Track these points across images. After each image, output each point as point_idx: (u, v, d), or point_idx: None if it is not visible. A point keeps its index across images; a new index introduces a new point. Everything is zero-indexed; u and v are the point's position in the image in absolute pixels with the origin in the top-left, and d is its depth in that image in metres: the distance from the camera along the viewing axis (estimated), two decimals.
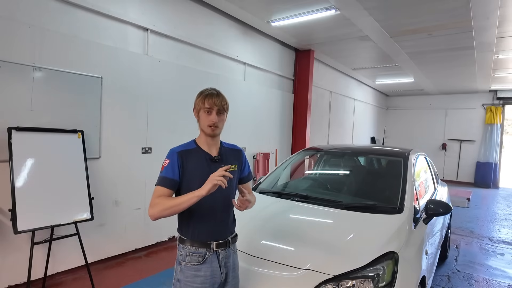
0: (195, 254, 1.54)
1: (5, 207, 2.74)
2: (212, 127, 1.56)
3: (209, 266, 1.54)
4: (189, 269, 1.53)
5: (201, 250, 1.54)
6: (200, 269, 1.53)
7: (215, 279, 1.56)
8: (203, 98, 1.57)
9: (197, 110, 1.61)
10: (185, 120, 4.31)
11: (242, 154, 1.77)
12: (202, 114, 1.58)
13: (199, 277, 1.52)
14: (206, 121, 1.57)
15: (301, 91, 6.92)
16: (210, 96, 1.56)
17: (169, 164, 1.54)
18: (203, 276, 1.53)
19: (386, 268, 1.78)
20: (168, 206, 1.44)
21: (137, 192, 3.90)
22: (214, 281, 1.56)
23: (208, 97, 1.56)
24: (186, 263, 1.54)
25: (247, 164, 1.80)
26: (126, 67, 3.68)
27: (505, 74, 8.27)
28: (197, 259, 1.53)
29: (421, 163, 3.35)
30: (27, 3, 2.91)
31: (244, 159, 1.77)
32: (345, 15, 4.77)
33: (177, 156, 1.55)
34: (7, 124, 2.72)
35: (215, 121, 1.55)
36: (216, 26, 4.89)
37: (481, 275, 3.79)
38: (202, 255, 1.54)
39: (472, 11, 4.44)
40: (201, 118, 1.60)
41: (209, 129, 1.57)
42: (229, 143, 1.75)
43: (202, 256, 1.54)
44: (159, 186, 1.52)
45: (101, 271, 3.43)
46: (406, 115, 12.89)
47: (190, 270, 1.53)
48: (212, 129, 1.57)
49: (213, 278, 1.55)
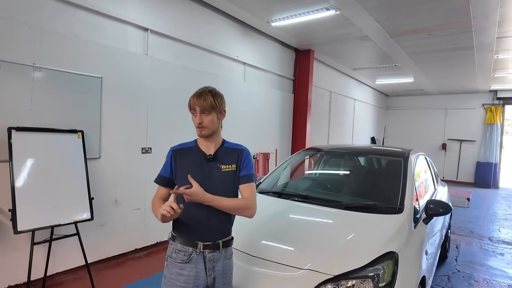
0: (181, 252, 1.53)
1: (5, 207, 2.74)
2: (199, 128, 1.56)
3: (194, 267, 1.52)
4: (174, 266, 1.53)
5: (188, 249, 1.53)
6: (184, 267, 1.52)
7: (199, 281, 1.52)
8: (190, 99, 1.58)
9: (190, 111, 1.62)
10: (185, 120, 4.31)
11: (242, 154, 1.65)
12: (192, 116, 1.59)
13: (183, 276, 1.51)
14: (194, 122, 1.58)
15: (301, 91, 6.92)
16: (193, 97, 1.56)
17: (165, 162, 1.63)
18: (186, 276, 1.51)
19: (386, 268, 1.78)
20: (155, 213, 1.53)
21: (137, 192, 3.90)
22: (198, 283, 1.52)
23: (192, 98, 1.56)
24: (172, 259, 1.55)
25: (246, 165, 1.64)
26: (126, 67, 3.68)
27: (505, 74, 8.27)
28: (183, 257, 1.52)
29: (421, 163, 3.35)
30: (27, 3, 2.91)
31: (243, 159, 1.64)
32: (345, 15, 4.77)
33: (171, 154, 1.62)
34: (7, 124, 2.72)
35: (198, 122, 1.55)
36: (216, 26, 4.89)
37: (481, 275, 3.79)
38: (188, 254, 1.52)
39: (472, 11, 4.44)
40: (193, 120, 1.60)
41: (197, 130, 1.59)
42: (233, 143, 1.71)
43: (188, 255, 1.52)
44: (157, 185, 1.63)
45: (101, 271, 3.43)
46: (406, 115, 12.89)
47: (175, 268, 1.53)
48: (200, 130, 1.57)
49: (197, 280, 1.52)
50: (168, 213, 1.38)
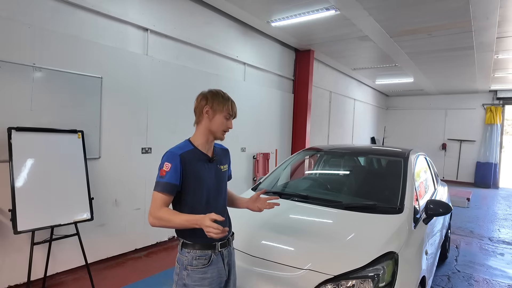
0: (201, 257, 1.53)
1: (5, 207, 2.74)
2: (226, 132, 1.62)
3: (215, 267, 1.56)
4: (196, 273, 1.52)
5: (207, 252, 1.54)
6: (207, 271, 1.53)
7: (221, 279, 1.59)
8: (227, 104, 1.57)
9: (214, 112, 1.56)
10: (185, 120, 4.31)
11: (229, 154, 1.82)
12: (219, 117, 1.56)
13: (206, 279, 1.53)
14: (222, 126, 1.58)
15: (301, 91, 6.92)
16: (234, 104, 1.62)
17: (172, 168, 1.47)
18: (210, 278, 1.54)
19: (386, 268, 1.78)
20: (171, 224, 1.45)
21: (137, 192, 3.90)
22: (221, 281, 1.59)
23: (233, 104, 1.62)
24: (193, 267, 1.52)
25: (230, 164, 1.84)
26: (126, 67, 3.68)
27: (505, 74, 8.27)
28: (204, 262, 1.53)
29: (421, 163, 3.35)
30: (27, 3, 2.91)
31: (229, 159, 1.82)
32: (345, 15, 4.77)
33: (180, 159, 1.49)
34: (7, 124, 2.71)
35: (231, 128, 1.62)
36: (216, 26, 4.89)
37: (481, 275, 3.79)
38: (208, 257, 1.54)
39: (472, 11, 4.44)
40: (215, 121, 1.56)
41: (222, 134, 1.61)
42: (217, 143, 1.75)
43: (208, 259, 1.54)
44: (161, 194, 1.46)
45: (101, 271, 3.43)
46: (406, 115, 12.89)
47: (197, 274, 1.52)
48: (224, 134, 1.62)
49: (219, 278, 1.58)
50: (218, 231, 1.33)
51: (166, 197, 1.47)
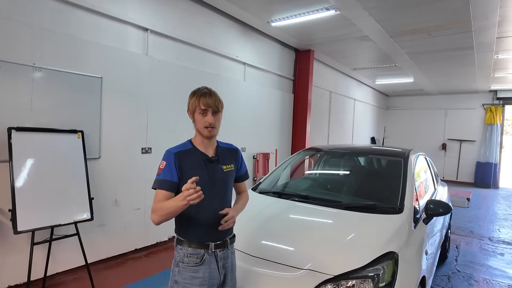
0: (193, 255, 1.52)
1: (5, 207, 2.74)
2: (209, 128, 1.54)
3: (208, 268, 1.53)
4: (187, 271, 1.52)
5: (199, 251, 1.53)
6: (198, 270, 1.51)
7: (213, 281, 1.55)
8: (197, 98, 1.53)
9: (191, 112, 1.57)
10: (185, 120, 4.26)
11: (238, 153, 1.76)
12: (197, 115, 1.55)
13: (197, 278, 1.51)
14: (202, 123, 1.54)
15: (301, 91, 6.92)
16: (204, 96, 1.52)
17: (166, 166, 1.50)
18: (201, 278, 1.51)
19: (386, 268, 1.78)
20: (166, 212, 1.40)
21: (137, 192, 3.90)
22: (213, 283, 1.55)
23: (202, 98, 1.52)
24: (184, 264, 1.52)
25: (243, 163, 1.79)
26: (126, 67, 3.68)
27: (505, 74, 8.27)
28: (195, 260, 1.52)
29: (421, 163, 3.35)
30: (27, 3, 2.91)
31: (240, 158, 1.76)
32: (345, 15, 4.77)
33: (174, 157, 1.51)
34: (7, 124, 2.72)
35: (211, 122, 1.53)
36: (216, 26, 4.89)
37: (481, 275, 3.79)
38: (200, 256, 1.52)
39: (472, 11, 4.44)
40: (196, 120, 1.56)
41: (206, 131, 1.54)
42: (225, 143, 1.74)
43: (200, 258, 1.52)
44: (158, 190, 1.49)
45: (101, 271, 3.43)
46: (406, 115, 12.89)
47: (188, 272, 1.52)
48: (209, 131, 1.54)
49: (211, 280, 1.54)
50: (193, 191, 1.28)
51: (164, 194, 1.47)
